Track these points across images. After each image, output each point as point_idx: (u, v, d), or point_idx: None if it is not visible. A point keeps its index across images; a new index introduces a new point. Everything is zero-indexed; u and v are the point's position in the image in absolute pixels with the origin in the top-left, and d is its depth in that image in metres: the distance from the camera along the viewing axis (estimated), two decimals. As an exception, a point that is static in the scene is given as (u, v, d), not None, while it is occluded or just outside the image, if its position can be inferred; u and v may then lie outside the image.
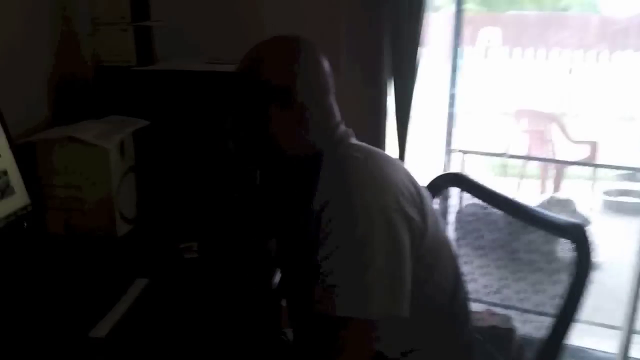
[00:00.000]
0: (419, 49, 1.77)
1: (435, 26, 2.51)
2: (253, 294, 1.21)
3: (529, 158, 4.69)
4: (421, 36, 1.75)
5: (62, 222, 1.41)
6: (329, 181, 0.99)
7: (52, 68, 1.60)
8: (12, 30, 1.43)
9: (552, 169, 4.67)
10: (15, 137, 1.35)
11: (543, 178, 4.70)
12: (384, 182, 0.97)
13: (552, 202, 3.45)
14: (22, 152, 1.36)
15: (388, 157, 1.08)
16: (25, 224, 1.26)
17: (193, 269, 1.26)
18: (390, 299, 0.92)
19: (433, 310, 1.06)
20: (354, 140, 1.08)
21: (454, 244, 1.23)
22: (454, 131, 2.25)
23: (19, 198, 1.25)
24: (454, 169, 2.30)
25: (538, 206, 1.28)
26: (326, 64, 1.06)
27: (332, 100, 1.07)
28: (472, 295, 1.23)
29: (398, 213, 0.94)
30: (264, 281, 1.25)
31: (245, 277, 1.26)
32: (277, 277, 1.25)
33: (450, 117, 2.24)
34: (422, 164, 2.00)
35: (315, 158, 1.03)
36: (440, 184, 1.31)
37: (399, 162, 1.11)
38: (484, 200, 1.30)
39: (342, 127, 1.08)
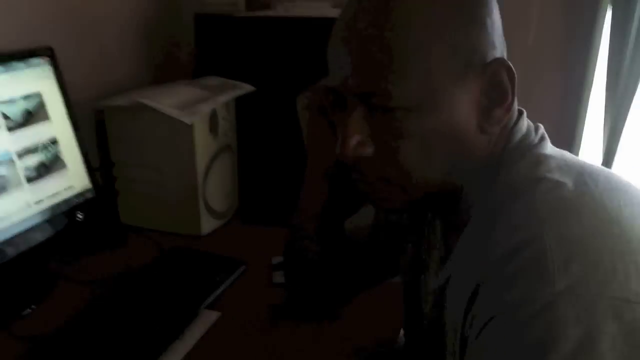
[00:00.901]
0: None
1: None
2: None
3: None
4: None
5: (135, 212, 1.13)
6: (490, 236, 0.50)
7: (148, 19, 1.30)
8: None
9: None
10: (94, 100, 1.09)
11: None
12: (619, 241, 0.45)
13: None
14: (97, 122, 1.10)
15: (621, 183, 0.52)
16: (81, 216, 0.98)
17: (280, 307, 0.88)
18: None
19: None
20: (547, 148, 0.55)
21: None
22: None
23: (73, 178, 0.98)
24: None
25: None
26: (497, 11, 0.54)
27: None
28: None
29: None
30: None
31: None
32: None
33: None
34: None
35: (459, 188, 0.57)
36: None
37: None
38: None
39: (525, 122, 0.57)
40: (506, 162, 0.55)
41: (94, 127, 1.13)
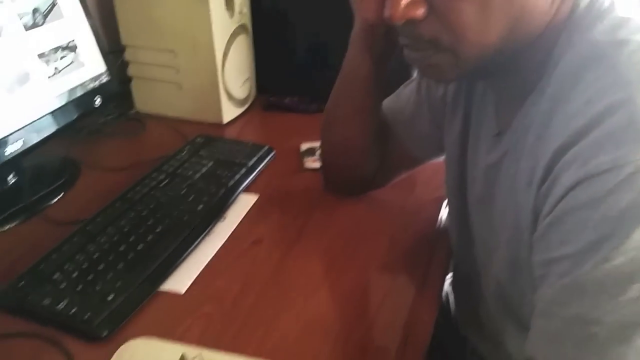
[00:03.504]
0: None
1: None
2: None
3: None
4: None
5: (150, 100, 1.13)
6: (567, 103, 0.50)
7: None
8: None
9: None
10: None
11: None
12: None
13: None
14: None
15: None
16: (99, 101, 0.98)
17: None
18: None
19: None
20: (622, 10, 0.53)
21: None
22: None
23: (87, 62, 0.97)
24: None
25: None
26: None
27: None
28: None
29: None
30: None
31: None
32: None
33: None
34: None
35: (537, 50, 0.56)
36: None
37: None
38: None
39: None
40: (578, 26, 0.53)
41: (97, 7, 1.10)
